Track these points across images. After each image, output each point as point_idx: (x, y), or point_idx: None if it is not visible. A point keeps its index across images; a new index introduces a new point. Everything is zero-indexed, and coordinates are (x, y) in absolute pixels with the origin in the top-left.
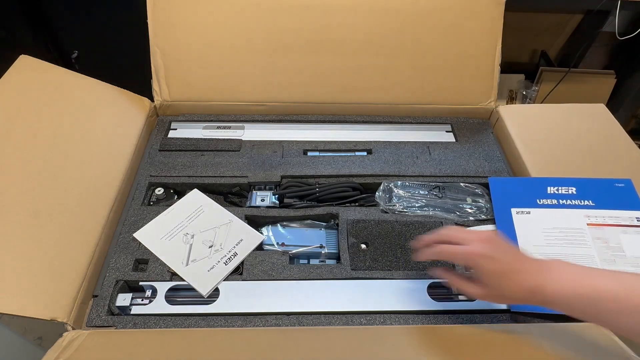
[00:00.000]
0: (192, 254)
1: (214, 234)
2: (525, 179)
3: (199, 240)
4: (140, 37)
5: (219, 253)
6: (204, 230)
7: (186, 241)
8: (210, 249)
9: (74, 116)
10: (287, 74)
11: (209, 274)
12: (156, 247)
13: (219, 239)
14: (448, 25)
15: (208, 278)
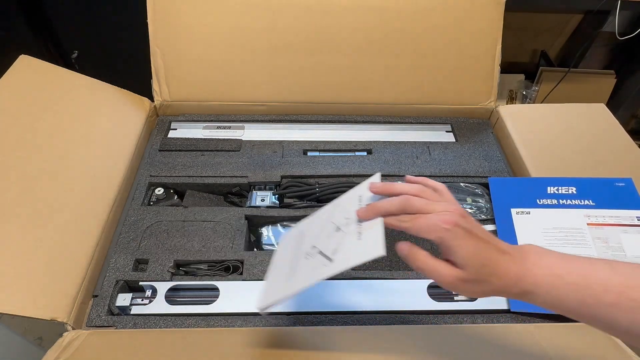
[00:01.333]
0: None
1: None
2: (525, 179)
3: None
4: (140, 37)
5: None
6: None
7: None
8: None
9: (74, 116)
10: (287, 74)
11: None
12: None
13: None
14: (448, 25)
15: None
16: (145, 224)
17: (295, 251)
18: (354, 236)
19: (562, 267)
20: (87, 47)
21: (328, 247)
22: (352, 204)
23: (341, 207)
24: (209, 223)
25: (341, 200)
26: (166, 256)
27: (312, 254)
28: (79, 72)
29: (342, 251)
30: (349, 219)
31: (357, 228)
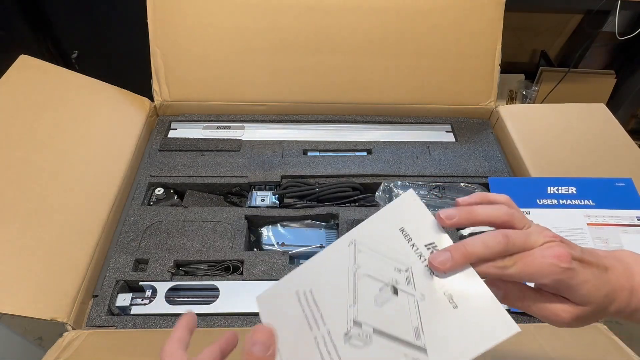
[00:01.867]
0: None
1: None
2: (525, 179)
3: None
4: (140, 37)
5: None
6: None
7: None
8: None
9: (74, 116)
10: (287, 74)
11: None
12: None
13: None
14: (448, 25)
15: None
16: (145, 224)
17: (299, 334)
18: (442, 303)
19: None
20: (87, 47)
21: (396, 325)
22: (396, 244)
23: (375, 252)
24: (209, 223)
25: (368, 240)
26: (166, 256)
27: (355, 338)
28: (79, 72)
29: (435, 332)
30: (402, 270)
31: (433, 287)
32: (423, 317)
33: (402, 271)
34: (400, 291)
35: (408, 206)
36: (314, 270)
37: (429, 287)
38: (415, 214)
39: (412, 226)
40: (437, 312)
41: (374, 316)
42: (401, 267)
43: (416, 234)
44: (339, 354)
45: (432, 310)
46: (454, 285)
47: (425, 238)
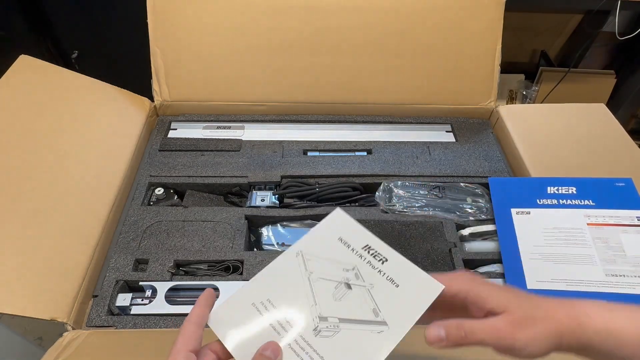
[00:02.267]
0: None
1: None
2: (525, 179)
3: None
4: (140, 37)
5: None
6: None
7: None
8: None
9: (74, 116)
10: (287, 74)
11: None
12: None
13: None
14: (448, 25)
15: None
16: (145, 224)
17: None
18: (387, 286)
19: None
20: (87, 47)
21: (357, 311)
22: (338, 250)
23: (322, 259)
24: (209, 223)
25: (313, 250)
26: (166, 256)
27: (324, 330)
28: (79, 72)
29: (388, 308)
30: (349, 269)
31: (377, 276)
32: (377, 300)
33: (349, 270)
34: (353, 285)
35: (341, 221)
36: (266, 282)
37: (374, 277)
38: (347, 226)
39: (348, 235)
40: (386, 293)
41: (336, 309)
42: (348, 267)
43: (352, 240)
44: (314, 348)
45: (382, 292)
46: (392, 271)
47: (361, 243)
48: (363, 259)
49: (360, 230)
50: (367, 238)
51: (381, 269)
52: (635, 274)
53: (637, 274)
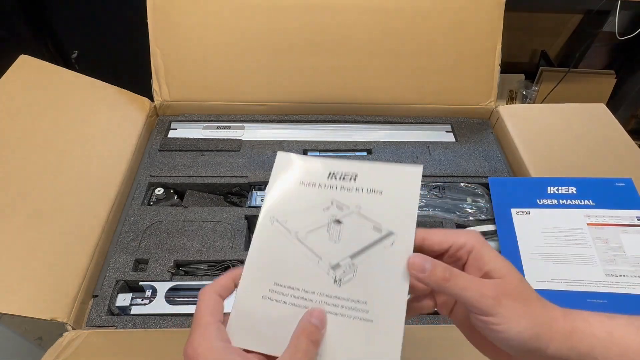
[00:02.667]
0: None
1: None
2: (525, 179)
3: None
4: (140, 37)
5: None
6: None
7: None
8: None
9: (74, 116)
10: (287, 74)
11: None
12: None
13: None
14: (448, 25)
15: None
16: (145, 224)
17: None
18: (373, 197)
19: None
20: (87, 47)
21: (361, 238)
22: (307, 194)
23: (297, 212)
24: (209, 223)
25: (284, 208)
26: (166, 256)
27: (344, 276)
28: (79, 72)
29: (385, 216)
30: (329, 206)
31: (359, 195)
32: (371, 216)
33: (329, 207)
34: (342, 218)
35: (290, 164)
36: (260, 268)
37: (355, 198)
38: (301, 165)
39: (306, 174)
40: (375, 205)
41: (341, 250)
42: (327, 205)
43: (314, 177)
44: (346, 298)
45: (371, 207)
46: (367, 182)
47: (324, 175)
48: (335, 188)
49: (314, 162)
50: (325, 166)
51: (356, 186)
52: (635, 274)
53: (637, 274)
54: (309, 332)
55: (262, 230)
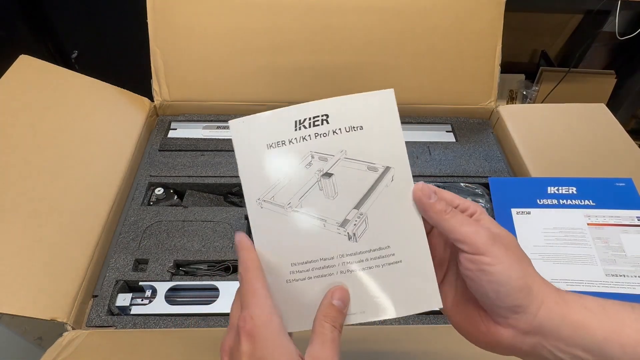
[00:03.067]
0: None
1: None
2: (525, 179)
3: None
4: (140, 37)
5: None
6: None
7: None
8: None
9: (74, 116)
10: (287, 74)
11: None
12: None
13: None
14: (448, 25)
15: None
16: (145, 224)
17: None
18: (355, 137)
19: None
20: (87, 47)
21: (359, 184)
22: (281, 160)
23: (279, 183)
24: (209, 223)
25: (262, 182)
26: (166, 256)
27: (357, 230)
28: (79, 72)
29: (375, 153)
30: (309, 161)
31: (339, 138)
32: (360, 157)
33: (311, 162)
34: (330, 170)
35: (247, 130)
36: (270, 255)
37: (336, 142)
38: (259, 127)
39: (270, 135)
40: (360, 143)
41: (342, 204)
42: (307, 160)
43: (280, 134)
44: (367, 250)
45: (357, 146)
46: (341, 120)
47: (290, 127)
48: (309, 138)
49: (272, 117)
50: (288, 115)
51: (332, 129)
52: (635, 274)
53: (637, 274)
54: (333, 317)
55: (255, 218)
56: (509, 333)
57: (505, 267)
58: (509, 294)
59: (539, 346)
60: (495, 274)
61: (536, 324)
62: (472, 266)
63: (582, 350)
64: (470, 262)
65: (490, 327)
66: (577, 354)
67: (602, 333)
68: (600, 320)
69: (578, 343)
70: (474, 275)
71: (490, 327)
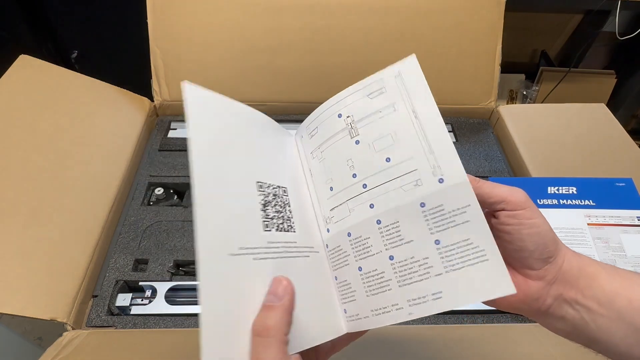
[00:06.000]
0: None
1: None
2: (526, 179)
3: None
4: (140, 37)
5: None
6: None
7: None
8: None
9: (74, 116)
10: (287, 74)
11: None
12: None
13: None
14: (448, 25)
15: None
16: (145, 224)
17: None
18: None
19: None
20: (87, 47)
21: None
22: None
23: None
24: None
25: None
26: (166, 256)
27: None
28: (79, 72)
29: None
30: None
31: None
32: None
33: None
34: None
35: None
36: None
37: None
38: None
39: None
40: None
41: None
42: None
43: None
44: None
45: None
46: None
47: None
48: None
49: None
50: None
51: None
52: None
53: None
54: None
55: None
56: (537, 285)
57: (542, 220)
58: (546, 244)
59: (560, 298)
60: (535, 227)
61: (560, 273)
62: (513, 221)
63: (596, 303)
64: (511, 218)
65: (519, 281)
66: (592, 307)
67: (613, 287)
68: (612, 276)
69: (593, 295)
70: (515, 229)
71: (519, 281)
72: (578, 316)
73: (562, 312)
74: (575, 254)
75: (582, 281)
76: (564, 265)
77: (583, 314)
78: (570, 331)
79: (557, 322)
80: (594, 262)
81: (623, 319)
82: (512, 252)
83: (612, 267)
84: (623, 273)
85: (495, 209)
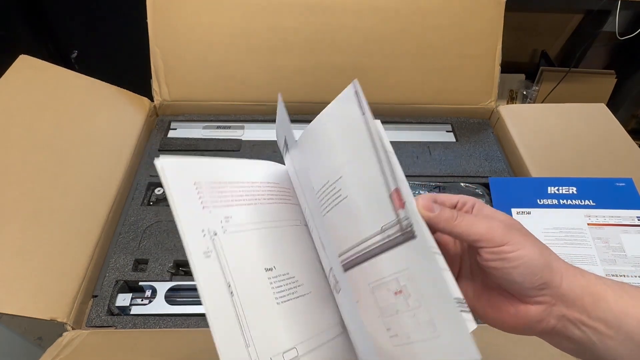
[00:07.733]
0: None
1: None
2: (526, 179)
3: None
4: (140, 37)
5: None
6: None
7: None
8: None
9: (74, 116)
10: (287, 74)
11: None
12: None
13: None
14: (448, 25)
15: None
16: (145, 224)
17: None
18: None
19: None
20: (87, 47)
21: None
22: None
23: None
24: None
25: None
26: (166, 256)
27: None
28: (79, 72)
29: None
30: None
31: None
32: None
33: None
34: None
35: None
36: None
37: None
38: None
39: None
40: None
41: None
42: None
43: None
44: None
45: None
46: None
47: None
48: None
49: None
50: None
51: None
52: (635, 274)
53: (638, 274)
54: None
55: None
56: (537, 309)
57: (526, 250)
58: (534, 273)
59: (563, 319)
60: (518, 259)
61: (560, 294)
62: (495, 257)
63: (604, 325)
64: (492, 254)
65: (518, 308)
66: (600, 328)
67: (620, 307)
68: (619, 295)
69: (600, 316)
70: (498, 264)
71: (518, 307)
72: (585, 337)
73: (567, 333)
74: (578, 271)
75: (586, 300)
76: (563, 287)
77: (590, 335)
78: (578, 350)
79: (563, 341)
80: (600, 280)
81: (632, 340)
82: (504, 284)
83: (619, 285)
84: (631, 291)
85: (475, 246)
